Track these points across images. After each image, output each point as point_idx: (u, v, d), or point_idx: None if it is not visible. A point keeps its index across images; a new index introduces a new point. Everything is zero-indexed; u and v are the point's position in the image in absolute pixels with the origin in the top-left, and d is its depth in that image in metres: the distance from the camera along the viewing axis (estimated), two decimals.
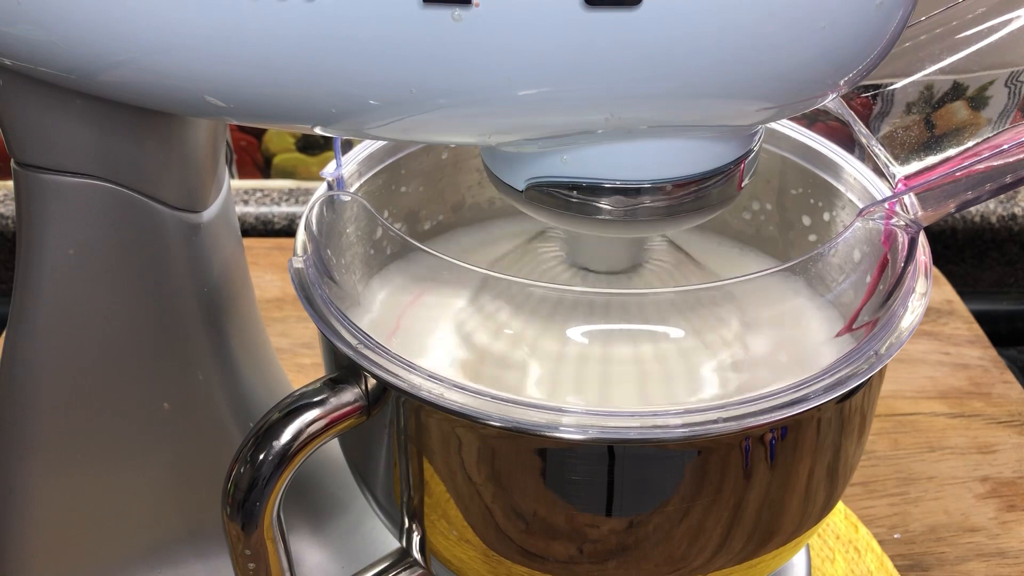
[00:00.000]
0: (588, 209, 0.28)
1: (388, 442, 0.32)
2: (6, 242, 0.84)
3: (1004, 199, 0.83)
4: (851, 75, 0.26)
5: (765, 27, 0.23)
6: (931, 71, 0.33)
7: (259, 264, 0.72)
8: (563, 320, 0.32)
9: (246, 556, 0.31)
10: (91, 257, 0.32)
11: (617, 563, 0.31)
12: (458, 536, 0.32)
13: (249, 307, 0.39)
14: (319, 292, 0.32)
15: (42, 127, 0.30)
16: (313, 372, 0.62)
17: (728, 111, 0.26)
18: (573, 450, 0.29)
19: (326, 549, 0.43)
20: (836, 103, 0.35)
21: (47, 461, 0.36)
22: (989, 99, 0.31)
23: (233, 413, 0.38)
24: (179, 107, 0.28)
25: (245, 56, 0.25)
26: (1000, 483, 0.54)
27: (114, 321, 0.34)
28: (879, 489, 0.53)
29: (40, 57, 0.27)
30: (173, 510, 0.39)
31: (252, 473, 0.29)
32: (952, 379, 0.62)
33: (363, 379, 0.30)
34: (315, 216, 0.34)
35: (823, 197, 0.38)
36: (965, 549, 0.50)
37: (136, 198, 0.32)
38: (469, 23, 0.23)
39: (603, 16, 0.23)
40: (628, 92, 0.25)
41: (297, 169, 0.88)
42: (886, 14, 0.25)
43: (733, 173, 0.29)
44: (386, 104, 0.26)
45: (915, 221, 0.31)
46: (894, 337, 0.30)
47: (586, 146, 0.27)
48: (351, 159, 0.38)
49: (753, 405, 0.28)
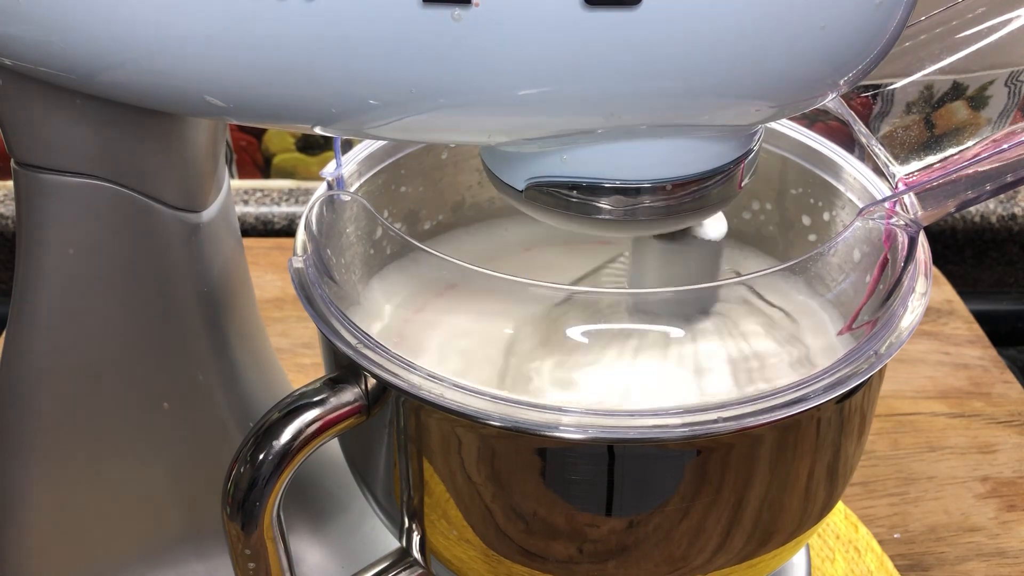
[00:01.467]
0: (588, 209, 0.28)
1: (388, 442, 0.32)
2: (6, 242, 0.84)
3: (1004, 199, 0.83)
4: (851, 75, 0.26)
5: (765, 27, 0.23)
6: (931, 71, 0.33)
7: (259, 264, 0.72)
8: (563, 320, 0.32)
9: (246, 556, 0.31)
10: (91, 257, 0.32)
11: (617, 563, 0.31)
12: (458, 536, 0.32)
13: (249, 307, 0.39)
14: (319, 292, 0.32)
15: (42, 127, 0.30)
16: (313, 372, 0.62)
17: (728, 111, 0.26)
18: (573, 450, 0.29)
19: (326, 549, 0.43)
20: (836, 103, 0.35)
21: (47, 461, 0.36)
22: (989, 99, 0.31)
23: (233, 413, 0.38)
24: (179, 107, 0.28)
25: (245, 56, 0.25)
26: (1000, 483, 0.54)
27: (114, 321, 0.34)
28: (879, 489, 0.53)
29: (40, 57, 0.27)
30: (173, 510, 0.39)
31: (252, 473, 0.29)
32: (952, 379, 0.62)
33: (363, 379, 0.30)
34: (315, 216, 0.34)
35: (823, 197, 0.38)
36: (965, 549, 0.50)
37: (136, 198, 0.32)
38: (469, 23, 0.23)
39: (603, 16, 0.23)
40: (628, 92, 0.25)
41: (297, 169, 0.88)
42: (886, 14, 0.25)
43: (733, 173, 0.29)
44: (386, 104, 0.26)
45: (915, 221, 0.31)
46: (894, 337, 0.30)
47: (586, 146, 0.27)
48: (351, 159, 0.38)
49: (753, 405, 0.28)
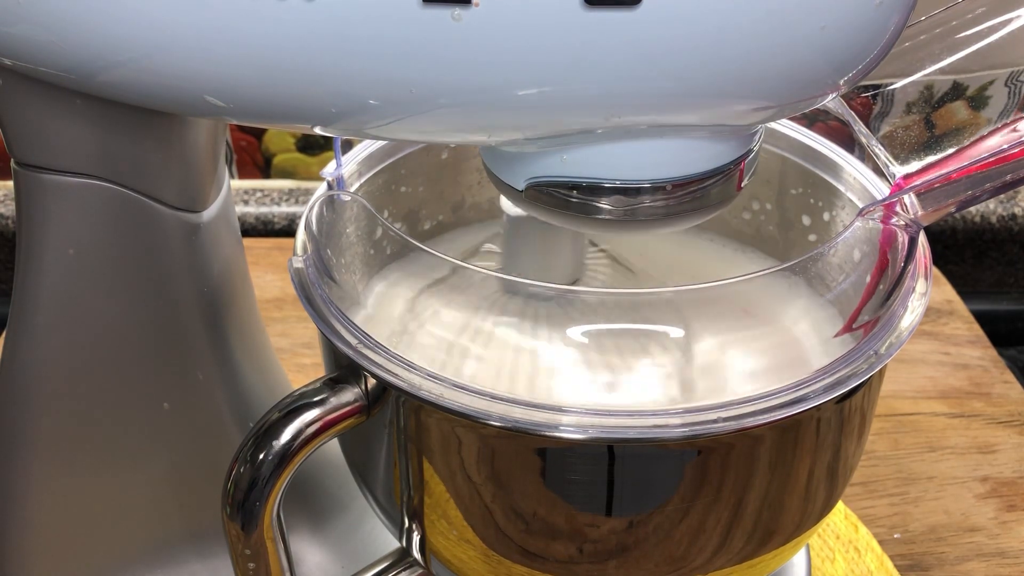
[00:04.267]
0: (588, 209, 0.28)
1: (388, 442, 0.32)
2: (6, 242, 0.84)
3: (1004, 199, 0.83)
4: (851, 75, 0.26)
5: (765, 27, 0.23)
6: (931, 71, 0.33)
7: (259, 264, 0.72)
8: (563, 319, 0.32)
9: (246, 556, 0.31)
10: (91, 257, 0.32)
11: (617, 563, 0.31)
12: (458, 536, 0.32)
13: (249, 307, 0.39)
14: (319, 292, 0.32)
15: (42, 127, 0.30)
16: (313, 372, 0.62)
17: (728, 111, 0.26)
18: (573, 450, 0.29)
19: (326, 549, 0.43)
20: (836, 103, 0.35)
21: (47, 461, 0.36)
22: (989, 99, 0.31)
23: (233, 413, 0.38)
24: (179, 107, 0.28)
25: (245, 56, 0.25)
26: (1000, 483, 0.54)
27: (114, 321, 0.34)
28: (879, 489, 0.53)
29: (40, 57, 0.27)
30: (173, 510, 0.39)
31: (252, 473, 0.29)
32: (952, 379, 0.62)
33: (363, 379, 0.30)
34: (315, 216, 0.34)
35: (823, 197, 0.38)
36: (965, 549, 0.50)
37: (136, 198, 0.32)
38: (469, 23, 0.23)
39: (603, 16, 0.23)
40: (628, 92, 0.25)
41: (297, 169, 0.88)
42: (886, 14, 0.25)
43: (733, 173, 0.29)
44: (386, 104, 0.26)
45: (915, 221, 0.31)
46: (894, 337, 0.30)
47: (586, 146, 0.27)
48: (351, 159, 0.38)
49: (753, 405, 0.28)
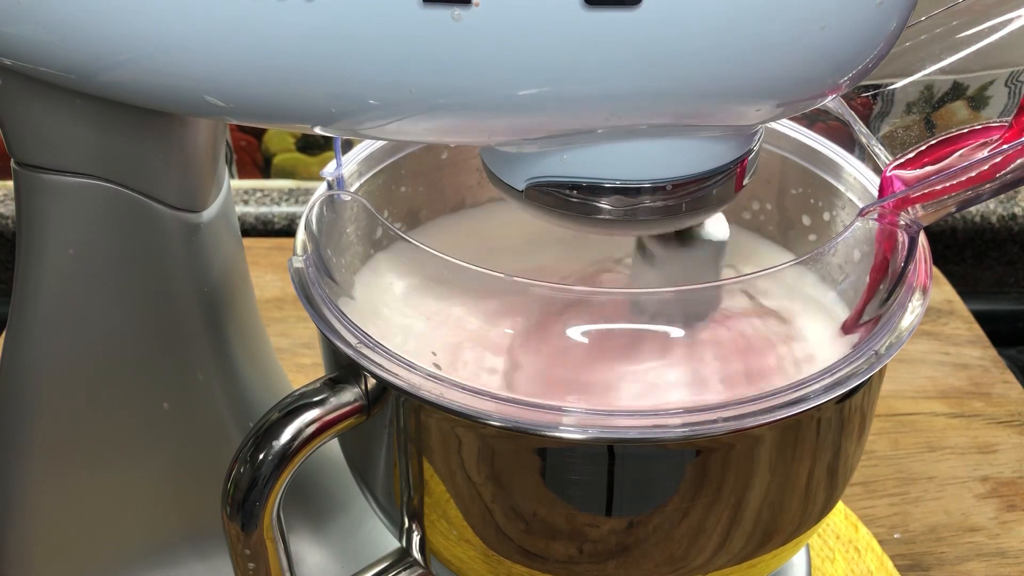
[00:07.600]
0: (588, 209, 0.28)
1: (388, 442, 0.32)
2: (6, 242, 0.84)
3: (1004, 199, 0.83)
4: (852, 75, 0.26)
5: (765, 27, 0.23)
6: (931, 71, 0.33)
7: (259, 264, 0.72)
8: (563, 319, 0.32)
9: (246, 556, 0.31)
10: (91, 257, 0.32)
11: (617, 563, 0.31)
12: (458, 536, 0.32)
13: (249, 307, 0.39)
14: (319, 292, 0.32)
15: (42, 127, 0.30)
16: (313, 372, 0.62)
17: (728, 111, 0.26)
18: (573, 450, 0.29)
19: (326, 549, 0.43)
20: (836, 103, 0.35)
21: (47, 461, 0.36)
22: (989, 99, 0.31)
23: (233, 413, 0.38)
24: (179, 107, 0.28)
25: (245, 56, 0.25)
26: (1000, 483, 0.54)
27: (114, 321, 0.34)
28: (879, 489, 0.53)
29: (40, 57, 0.27)
30: (173, 510, 0.39)
31: (252, 473, 0.29)
32: (952, 379, 0.62)
33: (363, 379, 0.30)
34: (315, 216, 0.34)
35: (823, 197, 0.38)
36: (965, 549, 0.50)
37: (136, 198, 0.32)
38: (469, 23, 0.23)
39: (603, 16, 0.23)
40: (628, 92, 0.25)
41: (297, 169, 0.88)
42: (886, 14, 0.25)
43: (733, 173, 0.29)
44: (386, 104, 0.26)
45: (915, 221, 0.31)
46: (894, 337, 0.30)
47: (586, 146, 0.27)
48: (351, 159, 0.38)
49: (753, 405, 0.28)
